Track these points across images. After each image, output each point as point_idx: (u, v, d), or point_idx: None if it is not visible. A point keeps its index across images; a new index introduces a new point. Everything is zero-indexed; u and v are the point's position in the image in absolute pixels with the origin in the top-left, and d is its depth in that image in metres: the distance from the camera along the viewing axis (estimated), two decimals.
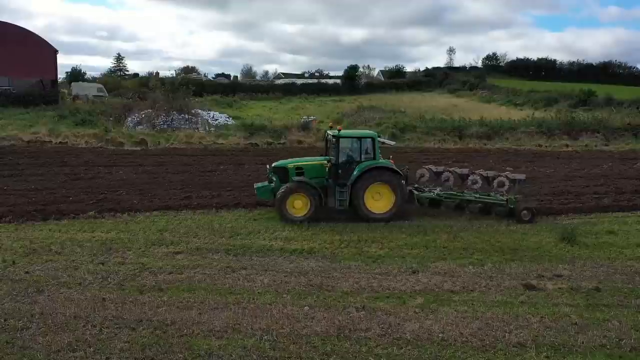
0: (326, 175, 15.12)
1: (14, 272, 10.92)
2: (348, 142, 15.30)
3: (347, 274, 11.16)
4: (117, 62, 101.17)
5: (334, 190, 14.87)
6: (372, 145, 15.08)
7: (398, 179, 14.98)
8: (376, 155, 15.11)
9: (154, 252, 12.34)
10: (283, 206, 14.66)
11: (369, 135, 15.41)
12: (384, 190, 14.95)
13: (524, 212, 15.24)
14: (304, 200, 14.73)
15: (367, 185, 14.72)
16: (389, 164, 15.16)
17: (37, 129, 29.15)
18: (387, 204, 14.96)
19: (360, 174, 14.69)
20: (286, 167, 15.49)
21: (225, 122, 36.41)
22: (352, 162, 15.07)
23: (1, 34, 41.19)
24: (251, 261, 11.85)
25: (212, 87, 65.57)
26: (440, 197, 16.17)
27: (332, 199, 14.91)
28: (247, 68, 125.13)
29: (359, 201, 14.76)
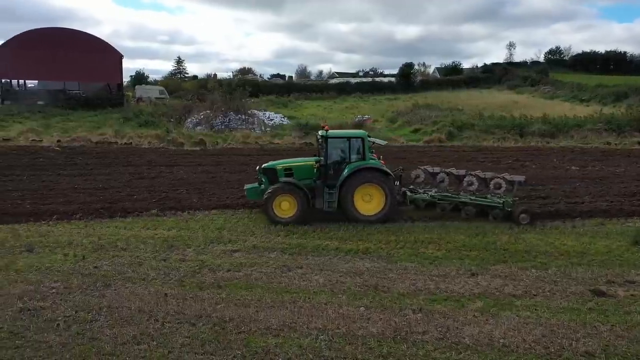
0: (310, 176, 14.93)
1: (84, 266, 11.51)
2: (337, 142, 14.93)
3: (404, 275, 11.00)
4: (178, 65, 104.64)
5: (322, 192, 14.60)
6: (362, 145, 14.72)
7: (388, 180, 14.52)
8: (366, 156, 14.72)
9: (213, 249, 12.66)
10: (270, 207, 14.46)
11: (358, 135, 15.04)
12: (375, 192, 14.51)
13: (522, 216, 14.46)
14: (291, 201, 14.47)
15: (356, 186, 14.35)
16: (379, 164, 14.74)
17: (104, 131, 30.67)
18: (378, 205, 14.51)
19: (349, 175, 14.32)
20: (275, 168, 15.27)
21: (281, 122, 36.87)
22: (341, 162, 14.78)
23: (72, 41, 43.71)
24: (306, 260, 11.91)
25: (268, 88, 66.43)
26: (435, 199, 15.61)
27: (321, 200, 14.61)
28: (302, 68, 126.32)
29: (347, 202, 14.42)
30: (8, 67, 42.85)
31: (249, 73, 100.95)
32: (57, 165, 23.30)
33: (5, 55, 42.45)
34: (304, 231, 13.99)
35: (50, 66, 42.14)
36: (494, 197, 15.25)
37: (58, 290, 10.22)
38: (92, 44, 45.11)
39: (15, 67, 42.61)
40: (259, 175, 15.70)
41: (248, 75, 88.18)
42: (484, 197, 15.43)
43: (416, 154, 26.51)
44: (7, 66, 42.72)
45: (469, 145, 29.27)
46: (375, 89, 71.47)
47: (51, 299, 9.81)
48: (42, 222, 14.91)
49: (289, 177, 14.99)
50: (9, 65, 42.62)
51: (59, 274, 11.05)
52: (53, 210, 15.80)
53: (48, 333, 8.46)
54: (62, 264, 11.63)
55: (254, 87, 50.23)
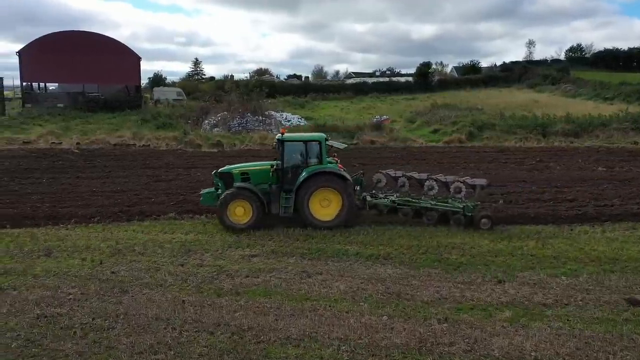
0: (267, 180, 14.58)
1: (101, 271, 11.38)
2: (293, 146, 14.58)
3: (427, 282, 10.63)
4: (195, 67, 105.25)
5: (278, 196, 14.25)
6: (319, 149, 14.31)
7: (345, 185, 14.08)
8: (323, 160, 14.28)
9: (231, 254, 12.44)
10: (224, 213, 14.06)
11: (315, 139, 14.65)
12: (332, 196, 14.09)
13: (483, 221, 13.98)
14: (245, 207, 14.07)
15: (312, 190, 13.95)
16: (336, 168, 14.35)
17: (122, 133, 30.81)
18: (335, 210, 14.11)
19: (306, 179, 13.93)
20: (231, 172, 14.88)
21: (298, 123, 36.64)
22: (298, 166, 14.41)
23: (91, 44, 44.08)
24: (326, 266, 11.61)
25: (284, 89, 66.25)
26: (395, 204, 15.17)
27: (277, 205, 14.25)
28: (318, 68, 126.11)
29: (303, 207, 14.00)
30: (29, 71, 43.41)
31: (265, 74, 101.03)
32: (76, 167, 23.40)
33: (26, 58, 43.02)
34: (323, 235, 13.69)
35: (70, 69, 42.57)
36: (455, 201, 14.78)
37: (75, 297, 10.08)
38: (110, 47, 45.44)
39: (35, 70, 43.15)
40: (215, 180, 15.26)
41: (264, 76, 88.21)
42: (445, 201, 14.95)
43: (436, 155, 26.07)
44: (28, 70, 43.28)
45: (490, 145, 28.68)
46: (392, 88, 70.88)
47: (68, 306, 9.67)
48: (60, 225, 14.89)
49: (246, 181, 14.61)
50: (30, 69, 43.19)
51: (77, 279, 10.94)
52: (71, 214, 15.78)
53: (65, 341, 8.29)
54: (80, 269, 11.53)
55: (271, 87, 50.11)
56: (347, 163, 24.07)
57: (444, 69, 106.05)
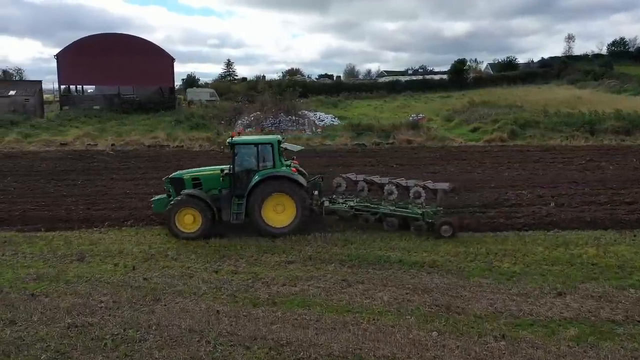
0: (219, 186, 13.83)
1: (133, 278, 11.00)
2: (244, 149, 13.85)
3: (479, 293, 9.78)
4: (227, 68, 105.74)
5: (229, 202, 13.51)
6: (272, 152, 13.57)
7: (299, 190, 13.29)
8: (276, 163, 13.57)
9: (266, 260, 11.88)
10: (172, 222, 13.37)
11: (267, 141, 13.89)
12: (286, 202, 13.36)
13: (445, 228, 13.01)
14: (194, 215, 13.36)
15: (264, 196, 13.25)
16: (289, 172, 13.48)
17: (156, 134, 30.81)
18: (290, 216, 13.37)
19: (257, 184, 13.20)
20: (182, 178, 14.18)
21: (332, 122, 35.97)
22: (250, 170, 13.66)
23: (126, 46, 44.52)
24: (368, 274, 10.90)
25: (316, 88, 65.61)
26: (353, 210, 14.32)
27: (227, 212, 13.51)
28: (350, 67, 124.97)
29: (255, 214, 13.26)
30: (66, 74, 44.18)
31: (297, 74, 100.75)
32: (111, 169, 23.37)
33: (63, 62, 43.79)
34: (362, 241, 12.99)
35: (106, 71, 43.08)
36: (415, 207, 13.88)
37: (107, 305, 9.71)
38: (144, 49, 45.80)
39: (72, 73, 43.89)
40: (166, 186, 14.50)
41: (296, 76, 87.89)
42: (405, 207, 14.02)
43: (477, 155, 24.98)
44: (65, 73, 44.05)
45: (534, 144, 27.34)
46: (426, 86, 69.36)
47: (100, 314, 9.29)
48: (94, 228, 14.70)
49: (197, 187, 13.93)
50: (67, 72, 43.94)
51: (109, 286, 10.58)
52: (105, 217, 15.57)
53: (95, 353, 7.87)
54: (112, 275, 11.18)
55: (303, 87, 49.58)
56: (385, 162, 23.45)
57: (479, 66, 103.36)
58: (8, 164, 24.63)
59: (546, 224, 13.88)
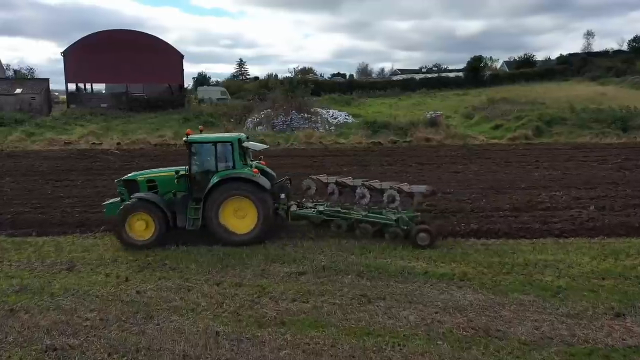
0: (175, 188, 12.61)
1: (125, 290, 9.81)
2: (201, 148, 12.60)
3: (520, 313, 8.39)
4: (239, 67, 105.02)
5: (184, 206, 12.29)
6: (231, 151, 12.30)
7: (260, 193, 12.04)
8: (236, 164, 12.29)
9: (275, 271, 10.58)
10: (121, 229, 12.13)
11: (225, 140, 12.56)
12: (248, 206, 12.10)
13: (421, 236, 11.64)
14: (146, 220, 12.11)
15: (222, 199, 12.00)
16: (249, 173, 12.21)
17: (163, 132, 29.74)
18: (252, 222, 12.12)
19: (214, 187, 11.94)
20: (136, 179, 12.94)
21: (345, 120, 34.59)
22: (208, 172, 12.42)
23: (134, 42, 43.46)
24: (390, 288, 9.55)
25: (329, 86, 64.46)
26: (321, 215, 12.99)
27: (183, 217, 12.26)
28: (363, 66, 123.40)
29: (212, 219, 12.03)
30: (73, 72, 43.29)
31: (309, 73, 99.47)
32: (113, 169, 22.25)
33: (70, 59, 42.89)
34: (382, 248, 11.64)
35: (113, 68, 42.11)
36: (389, 212, 12.53)
37: (93, 323, 8.51)
38: (152, 45, 44.71)
39: (79, 71, 42.98)
40: (119, 189, 13.24)
41: (308, 75, 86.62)
42: (379, 212, 12.70)
43: (502, 154, 23.47)
44: (72, 70, 43.16)
45: (562, 142, 25.73)
46: (441, 84, 67.71)
47: (83, 335, 8.13)
48: (88, 233, 13.53)
49: (153, 190, 12.73)
50: (74, 70, 43.05)
51: (97, 301, 9.40)
52: (101, 220, 14.32)
53: None
54: (102, 287, 9.99)
55: (315, 85, 48.24)
56: (403, 162, 22.07)
57: (494, 64, 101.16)
58: (9, 163, 23.70)
59: (588, 230, 12.41)
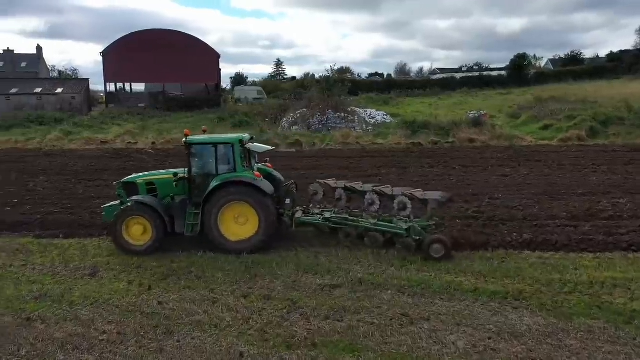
0: (174, 192, 11.97)
1: (147, 300, 9.16)
2: (201, 149, 11.93)
3: (590, 342, 7.22)
4: (277, 67, 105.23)
5: (182, 211, 11.65)
6: (232, 153, 11.54)
7: (261, 198, 11.25)
8: (237, 167, 11.50)
9: (307, 282, 9.71)
10: (118, 233, 11.57)
11: (226, 141, 11.77)
12: (249, 212, 11.35)
13: (435, 247, 10.53)
14: (144, 225, 11.52)
15: (221, 204, 11.31)
16: (250, 177, 11.38)
17: (197, 132, 29.31)
18: (253, 229, 11.35)
19: (213, 191, 11.25)
20: (135, 182, 12.37)
21: (384, 120, 33.43)
22: (208, 175, 11.73)
23: (171, 42, 43.52)
24: (434, 307, 8.51)
25: (366, 86, 63.33)
26: (328, 222, 12.05)
27: (182, 223, 11.59)
28: (402, 65, 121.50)
29: (211, 225, 11.33)
30: (111, 72, 43.75)
31: (346, 72, 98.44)
32: (147, 169, 21.84)
33: (109, 60, 43.34)
34: (423, 259, 10.57)
35: (150, 68, 42.28)
36: (400, 221, 11.39)
37: (110, 337, 7.88)
38: (190, 44, 44.67)
39: (118, 70, 43.38)
40: (117, 191, 12.67)
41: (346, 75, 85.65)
42: (389, 220, 11.58)
43: (553, 156, 21.88)
44: (111, 70, 43.62)
45: (620, 143, 23.84)
46: (483, 83, 65.38)
47: (98, 350, 7.52)
48: None
49: (152, 193, 12.15)
50: (112, 70, 43.48)
51: (117, 312, 8.78)
52: None
53: None
54: (123, 296, 9.37)
55: (353, 84, 47.21)
56: (445, 163, 20.80)
57: (538, 62, 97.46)
58: (45, 162, 23.79)
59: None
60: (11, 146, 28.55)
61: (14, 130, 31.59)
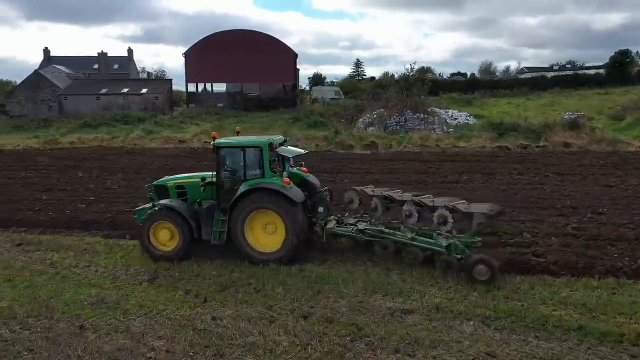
0: (201, 197, 11.40)
1: (201, 314, 8.52)
2: (229, 153, 11.28)
3: None
4: (356, 68, 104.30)
5: (211, 217, 11.02)
6: (261, 157, 10.71)
7: (288, 206, 10.36)
8: (266, 172, 10.65)
9: (375, 305, 8.59)
10: (145, 237, 11.22)
11: (255, 144, 10.95)
12: (277, 221, 10.57)
13: (479, 269, 9.18)
14: (171, 230, 11.09)
15: (248, 212, 10.61)
16: (278, 183, 10.47)
17: (271, 132, 29.05)
18: (281, 239, 10.53)
19: (240, 197, 10.57)
20: (166, 185, 11.90)
21: (466, 121, 31.34)
22: (236, 180, 11.03)
23: (250, 42, 43.73)
24: (527, 346, 7.10)
25: (447, 85, 60.69)
26: (361, 235, 10.94)
27: (208, 229, 10.98)
28: (486, 64, 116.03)
29: (237, 233, 10.68)
30: (192, 72, 44.82)
31: (427, 72, 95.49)
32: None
33: (191, 60, 44.44)
34: (515, 285, 9.08)
35: (229, 68, 42.80)
36: (441, 237, 10.05)
37: (157, 355, 7.38)
38: (268, 44, 44.69)
39: (199, 70, 44.32)
40: (149, 194, 12.33)
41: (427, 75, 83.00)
42: (429, 235, 10.24)
43: None
44: (192, 71, 44.70)
45: None
46: (578, 82, 60.31)
47: None
48: None
49: (182, 197, 11.68)
50: (193, 70, 44.53)
51: (169, 325, 8.23)
52: None
53: None
54: (178, 308, 8.82)
55: (433, 84, 45.14)
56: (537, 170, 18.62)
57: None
58: (124, 160, 24.41)
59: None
60: (97, 144, 29.80)
61: (100, 129, 33.08)
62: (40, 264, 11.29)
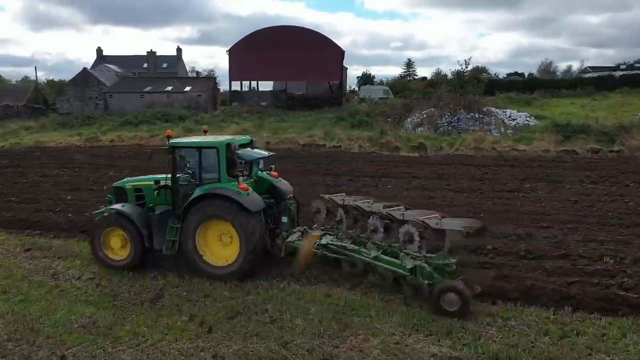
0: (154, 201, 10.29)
1: (202, 349, 7.26)
2: (184, 154, 10.11)
3: None
4: (407, 68, 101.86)
5: (164, 225, 9.89)
6: (217, 159, 9.41)
7: (241, 215, 9.11)
8: (222, 176, 9.36)
9: (415, 349, 6.87)
10: (96, 245, 10.33)
11: (210, 145, 9.62)
12: (233, 232, 9.38)
13: (449, 297, 7.52)
14: (122, 238, 10.11)
15: (199, 221, 9.45)
16: (233, 188, 9.12)
17: (314, 132, 27.59)
18: (236, 251, 9.32)
19: (191, 203, 9.43)
20: (124, 187, 10.85)
21: (526, 122, 28.62)
22: (192, 184, 9.86)
23: (295, 38, 42.27)
24: None
25: (504, 85, 57.47)
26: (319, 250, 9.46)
27: (160, 238, 9.85)
28: (546, 63, 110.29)
29: (187, 243, 9.55)
30: (236, 70, 43.95)
31: (482, 72, 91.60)
32: None
33: (234, 58, 43.58)
34: (599, 330, 7.02)
35: (273, 66, 41.59)
36: (408, 256, 8.43)
37: None
38: (314, 41, 43.08)
39: (242, 68, 43.42)
40: (108, 197, 11.38)
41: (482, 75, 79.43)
42: (396, 254, 8.66)
43: None
44: (235, 69, 43.82)
45: None
46: None
47: None
48: None
49: (140, 200, 10.58)
50: (237, 68, 43.65)
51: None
52: None
53: None
54: (177, 339, 7.50)
55: (489, 83, 42.28)
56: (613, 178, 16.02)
57: None
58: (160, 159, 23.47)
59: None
60: (136, 142, 29.29)
61: (141, 126, 32.67)
62: (43, 274, 10.25)
